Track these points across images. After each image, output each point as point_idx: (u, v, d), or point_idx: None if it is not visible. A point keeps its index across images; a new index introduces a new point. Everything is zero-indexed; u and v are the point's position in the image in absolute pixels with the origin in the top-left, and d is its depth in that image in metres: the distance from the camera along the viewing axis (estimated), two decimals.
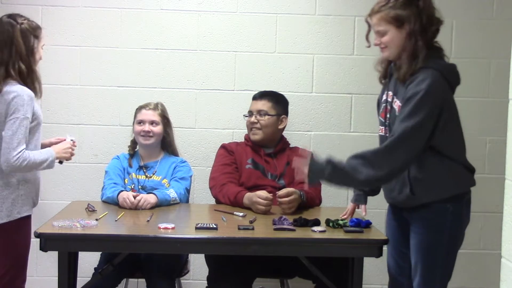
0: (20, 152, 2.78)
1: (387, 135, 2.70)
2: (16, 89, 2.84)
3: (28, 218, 2.94)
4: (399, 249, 2.79)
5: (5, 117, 2.82)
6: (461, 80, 2.71)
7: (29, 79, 2.91)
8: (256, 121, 3.51)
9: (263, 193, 3.17)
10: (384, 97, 2.77)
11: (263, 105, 3.53)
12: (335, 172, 2.56)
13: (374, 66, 2.85)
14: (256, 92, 3.66)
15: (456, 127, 2.68)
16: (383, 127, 2.76)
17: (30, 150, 2.86)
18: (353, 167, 2.54)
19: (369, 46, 2.76)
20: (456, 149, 2.67)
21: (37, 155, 2.89)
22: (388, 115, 2.70)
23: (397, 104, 2.64)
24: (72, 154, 3.13)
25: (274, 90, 3.70)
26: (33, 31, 2.93)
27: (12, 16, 2.94)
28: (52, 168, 3.00)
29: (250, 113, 3.56)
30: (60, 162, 3.13)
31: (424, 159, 2.60)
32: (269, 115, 3.51)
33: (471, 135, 3.89)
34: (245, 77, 3.92)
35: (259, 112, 3.52)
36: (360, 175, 2.53)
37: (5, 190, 2.86)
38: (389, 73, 2.78)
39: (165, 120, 3.57)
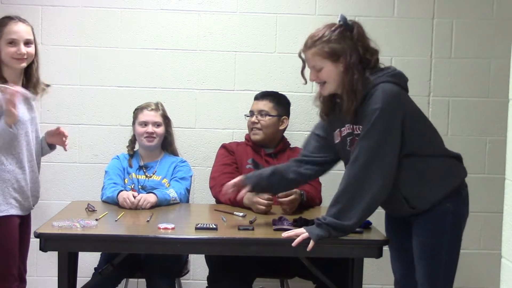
0: None
1: None
2: None
3: (6, 219, 2.86)
4: (402, 249, 2.78)
5: None
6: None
7: None
8: (257, 121, 3.51)
9: (264, 195, 3.16)
10: (346, 130, 2.67)
11: (264, 105, 3.53)
12: (335, 231, 2.57)
13: (313, 102, 2.80)
14: (257, 92, 3.66)
15: (424, 123, 2.66)
16: None
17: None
18: (340, 216, 2.55)
19: (305, 83, 2.71)
20: (433, 145, 2.65)
21: None
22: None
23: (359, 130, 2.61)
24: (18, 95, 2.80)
25: (274, 90, 3.70)
26: None
27: None
28: (6, 138, 2.81)
29: (251, 113, 3.55)
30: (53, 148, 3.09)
31: (408, 169, 2.58)
32: (270, 115, 3.51)
33: (471, 135, 3.94)
34: (245, 77, 3.92)
35: (260, 113, 3.52)
36: (350, 220, 2.55)
37: None
38: (338, 107, 2.71)
39: (167, 120, 3.57)
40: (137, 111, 3.57)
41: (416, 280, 2.69)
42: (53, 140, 3.15)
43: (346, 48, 2.55)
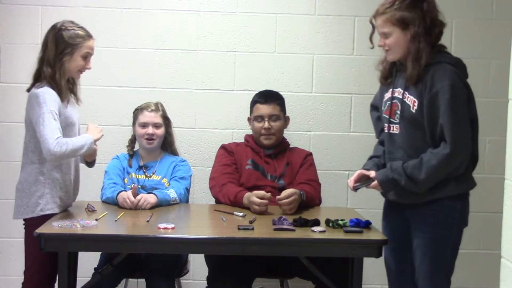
0: (57, 139, 2.83)
1: (393, 131, 2.73)
2: (37, 90, 2.91)
3: (52, 217, 2.94)
4: (400, 250, 2.78)
5: (32, 119, 2.90)
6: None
7: (55, 83, 2.95)
8: (270, 127, 3.49)
9: (260, 192, 3.16)
10: (388, 95, 2.77)
11: (274, 109, 3.51)
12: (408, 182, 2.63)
13: (375, 67, 2.85)
14: (256, 92, 3.65)
15: (471, 115, 2.70)
16: (387, 124, 2.77)
17: None
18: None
19: (372, 47, 2.77)
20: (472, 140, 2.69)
21: (75, 140, 2.95)
22: (397, 111, 2.71)
23: (410, 99, 2.66)
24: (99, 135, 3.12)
25: (274, 90, 3.68)
26: (69, 39, 2.95)
27: (61, 21, 3.01)
28: (91, 150, 3.02)
29: (261, 118, 3.52)
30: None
31: None
32: (280, 119, 3.51)
33: None
34: (244, 77, 3.91)
35: (271, 117, 3.50)
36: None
37: (33, 186, 2.93)
38: (395, 71, 2.78)
39: (167, 121, 3.57)
40: (137, 111, 3.57)
41: (412, 277, 2.70)
42: (87, 157, 3.21)
43: (415, 17, 2.62)
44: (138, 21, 3.89)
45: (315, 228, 2.79)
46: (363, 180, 2.83)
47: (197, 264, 3.89)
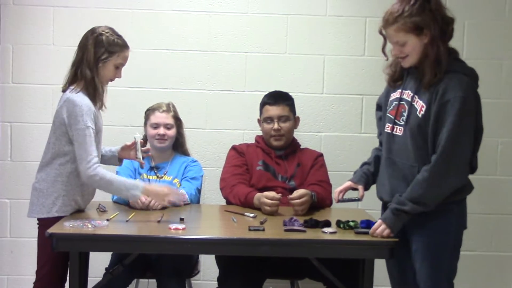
0: (90, 161, 2.85)
1: (395, 132, 2.70)
2: (75, 98, 2.89)
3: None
4: (400, 254, 2.75)
5: (66, 124, 2.89)
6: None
7: (93, 87, 2.95)
8: (279, 128, 3.49)
9: (271, 193, 3.16)
10: (396, 96, 2.74)
11: (283, 110, 3.50)
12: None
13: (383, 70, 2.83)
14: (266, 92, 3.64)
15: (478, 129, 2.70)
16: (390, 125, 2.75)
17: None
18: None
19: (387, 59, 2.72)
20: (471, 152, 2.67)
21: (114, 177, 2.92)
22: (404, 113, 2.67)
23: (419, 104, 2.62)
24: (168, 201, 2.99)
25: (285, 91, 3.67)
26: (108, 45, 2.96)
27: (101, 26, 3.01)
28: (134, 200, 2.94)
29: (270, 120, 3.52)
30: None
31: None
32: (290, 120, 3.51)
33: (482, 136, 3.92)
34: (255, 78, 3.92)
35: (281, 119, 3.49)
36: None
37: (51, 187, 2.93)
38: (405, 74, 2.74)
39: (178, 122, 3.58)
40: (149, 112, 3.58)
41: (414, 279, 2.69)
42: (124, 155, 3.25)
43: (428, 21, 2.56)
44: (149, 22, 3.90)
45: (326, 229, 2.79)
46: (350, 194, 2.88)
47: (208, 265, 3.89)
